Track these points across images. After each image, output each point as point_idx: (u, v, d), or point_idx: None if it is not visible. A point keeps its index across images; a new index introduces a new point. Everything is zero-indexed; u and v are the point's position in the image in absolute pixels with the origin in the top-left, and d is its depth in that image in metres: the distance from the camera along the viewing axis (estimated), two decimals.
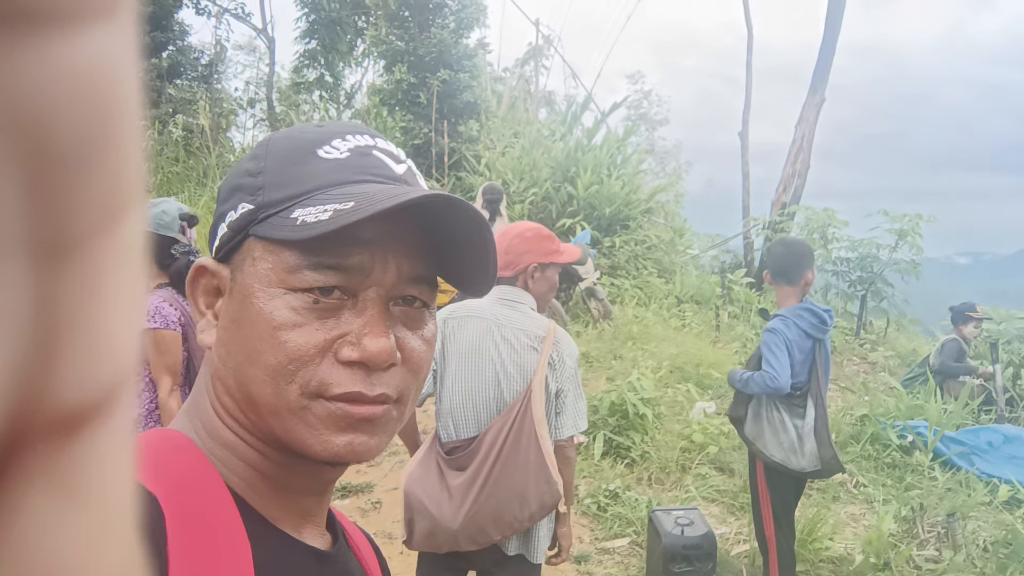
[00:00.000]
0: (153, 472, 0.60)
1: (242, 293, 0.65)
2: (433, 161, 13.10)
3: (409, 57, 13.53)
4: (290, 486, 0.69)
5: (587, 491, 5.02)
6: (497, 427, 2.50)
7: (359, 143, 0.71)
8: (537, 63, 21.99)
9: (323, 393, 0.63)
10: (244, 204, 0.67)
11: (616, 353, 8.19)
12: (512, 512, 2.47)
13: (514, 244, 2.65)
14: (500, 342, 2.55)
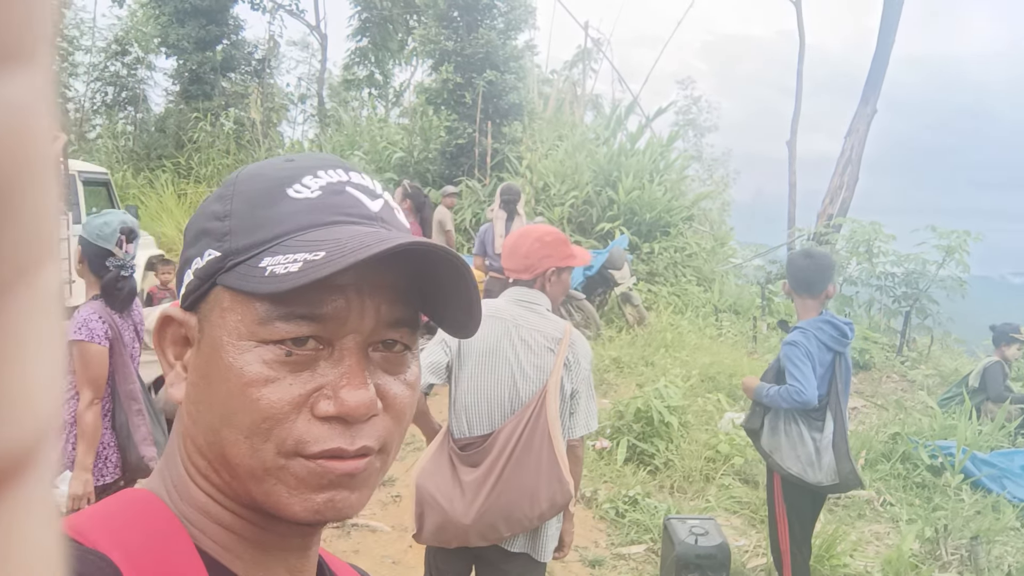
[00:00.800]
0: (115, 533, 0.58)
1: (211, 346, 0.62)
2: (476, 161, 13.16)
3: (456, 57, 13.60)
4: (270, 545, 0.65)
5: (606, 496, 5.01)
6: (512, 425, 2.53)
7: (331, 179, 0.66)
8: (585, 66, 21.95)
9: (301, 452, 0.60)
10: (210, 251, 0.64)
11: (648, 360, 8.15)
12: (523, 510, 2.51)
13: (534, 248, 2.69)
14: (518, 343, 2.58)
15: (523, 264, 2.69)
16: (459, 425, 2.62)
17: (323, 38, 20.98)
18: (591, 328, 9.07)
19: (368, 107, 19.09)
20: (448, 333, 0.72)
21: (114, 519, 0.60)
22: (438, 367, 2.62)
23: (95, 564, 0.54)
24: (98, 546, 0.56)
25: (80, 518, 0.59)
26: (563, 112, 16.66)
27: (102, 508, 0.62)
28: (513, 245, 2.74)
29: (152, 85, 22.22)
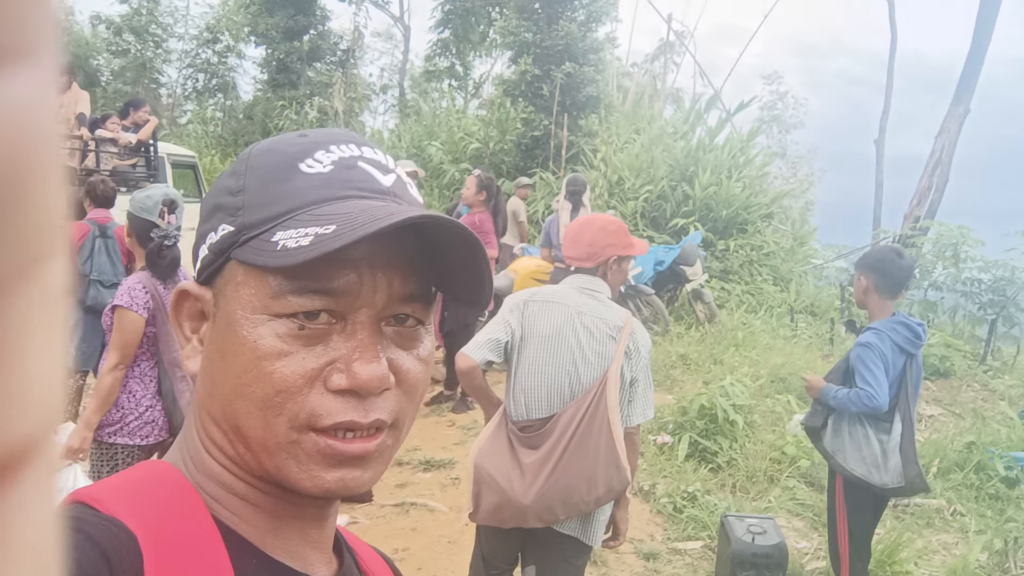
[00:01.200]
0: (132, 502, 0.59)
1: (226, 320, 0.63)
2: (551, 154, 13.15)
3: (535, 49, 13.62)
4: (285, 515, 0.66)
5: (665, 490, 4.96)
6: (572, 410, 2.56)
7: (344, 154, 0.66)
8: (667, 60, 21.68)
9: (313, 425, 0.60)
10: (224, 226, 0.64)
11: (716, 358, 8.03)
12: (580, 494, 2.54)
13: (598, 237, 2.72)
14: (580, 329, 2.61)
15: (587, 252, 2.71)
16: (517, 407, 2.65)
17: (406, 29, 21.26)
18: (659, 324, 8.98)
19: (447, 98, 19.26)
20: (461, 306, 0.72)
21: (131, 488, 0.61)
22: (497, 345, 2.65)
23: (112, 531, 0.55)
24: (115, 514, 0.57)
25: (98, 487, 0.61)
26: (642, 106, 16.49)
27: (120, 478, 0.63)
28: (576, 233, 2.75)
29: (241, 73, 22.92)
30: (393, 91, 22.60)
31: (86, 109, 7.97)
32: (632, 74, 20.78)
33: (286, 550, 0.66)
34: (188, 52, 22.44)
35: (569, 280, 2.75)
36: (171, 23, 22.65)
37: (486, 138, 14.07)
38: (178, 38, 22.66)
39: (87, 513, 0.56)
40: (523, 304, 2.67)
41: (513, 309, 2.68)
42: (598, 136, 13.51)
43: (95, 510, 0.57)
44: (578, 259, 2.73)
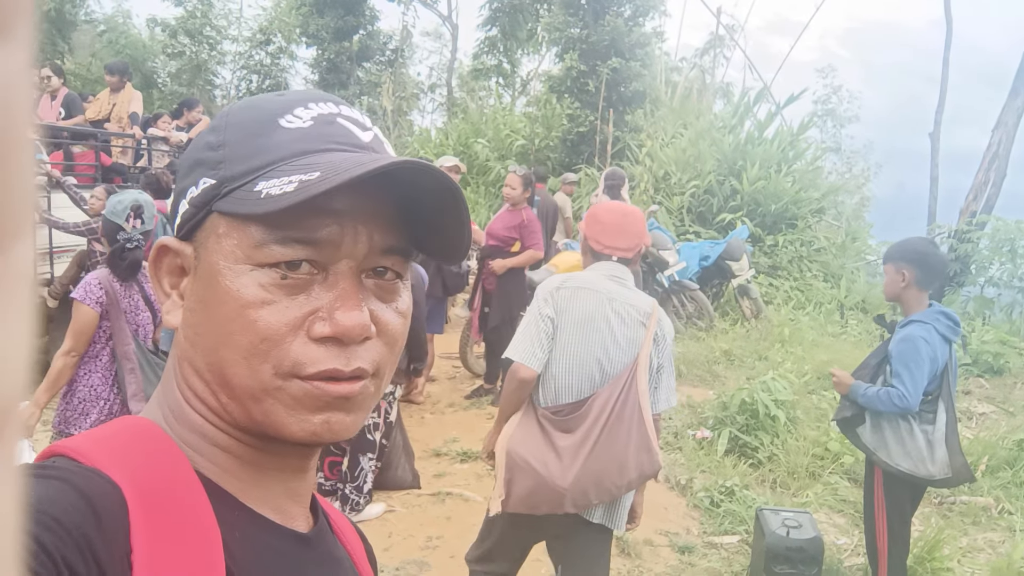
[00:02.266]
0: (115, 454, 0.59)
1: (208, 272, 0.63)
2: (596, 149, 13.10)
3: (581, 45, 13.57)
4: (267, 467, 0.67)
5: (702, 485, 4.92)
6: (606, 394, 2.57)
7: (323, 111, 0.67)
8: (716, 54, 21.43)
9: (297, 373, 0.61)
10: (205, 179, 0.64)
11: (761, 354, 7.93)
12: (612, 478, 2.55)
13: (640, 227, 2.76)
14: (611, 315, 2.62)
15: (635, 243, 2.72)
16: (546, 392, 2.65)
17: (454, 28, 21.38)
18: (704, 319, 8.89)
19: (494, 96, 19.30)
20: (438, 260, 0.74)
21: (113, 441, 0.61)
22: (545, 343, 2.63)
23: (96, 482, 0.55)
24: (98, 465, 0.57)
25: (78, 440, 0.61)
26: (690, 101, 16.33)
27: (101, 431, 0.63)
28: (622, 224, 2.73)
29: (293, 74, 23.29)
30: (441, 90, 22.74)
31: (139, 109, 8.18)
32: (681, 69, 20.59)
33: (268, 503, 0.66)
34: (242, 54, 22.88)
35: (598, 268, 2.75)
36: (225, 25, 23.11)
37: (532, 135, 14.08)
38: (232, 40, 23.12)
39: (70, 465, 0.57)
40: (554, 290, 2.68)
41: (547, 298, 2.68)
42: (644, 131, 13.41)
43: (77, 462, 0.57)
44: (624, 249, 2.72)
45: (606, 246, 2.72)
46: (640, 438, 2.56)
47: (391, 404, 4.33)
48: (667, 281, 8.68)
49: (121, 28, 22.62)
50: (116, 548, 0.53)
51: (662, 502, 4.76)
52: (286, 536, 0.67)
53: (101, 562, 0.51)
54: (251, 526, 0.64)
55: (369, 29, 20.05)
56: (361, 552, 0.81)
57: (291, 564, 0.66)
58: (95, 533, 0.51)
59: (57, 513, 0.50)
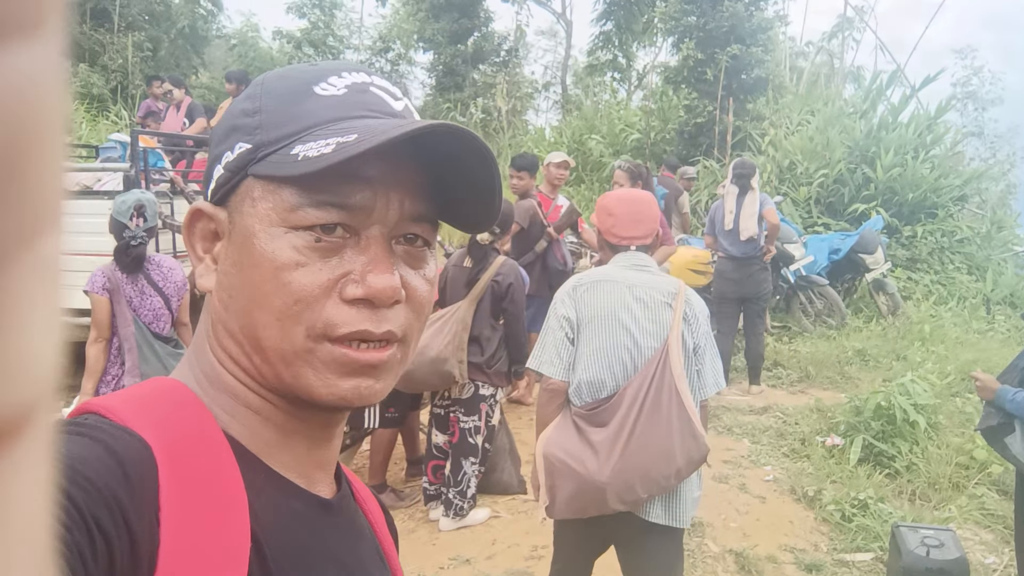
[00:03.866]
0: (146, 414, 0.60)
1: (242, 235, 0.64)
2: (715, 140, 12.62)
3: (699, 32, 13.10)
4: (294, 431, 0.68)
5: (832, 497, 4.54)
6: (637, 382, 2.49)
7: (356, 80, 0.68)
8: (845, 37, 20.32)
9: (329, 334, 0.62)
10: (241, 144, 0.66)
11: (899, 353, 7.37)
12: (659, 469, 2.44)
13: (654, 212, 2.73)
14: (632, 303, 2.57)
15: (650, 229, 2.70)
16: (580, 394, 2.57)
17: (568, 25, 21.18)
18: (835, 317, 8.37)
19: (609, 91, 18.99)
20: (465, 230, 0.73)
21: (144, 401, 0.62)
22: (567, 348, 2.59)
23: (126, 441, 0.56)
24: (129, 424, 0.58)
25: (112, 399, 0.62)
26: (817, 87, 15.53)
27: (132, 391, 0.64)
28: (636, 212, 2.69)
29: (411, 79, 23.73)
30: (555, 88, 22.61)
31: None
32: (806, 54, 19.66)
33: (294, 468, 0.68)
34: (362, 62, 23.42)
35: (616, 259, 2.70)
36: (347, 35, 23.83)
37: (647, 128, 13.72)
38: (353, 49, 23.80)
39: (103, 423, 0.58)
40: (571, 290, 2.65)
41: (564, 299, 2.64)
42: (766, 120, 12.83)
43: (109, 420, 0.58)
44: (642, 237, 2.70)
45: (622, 237, 2.69)
46: (682, 423, 2.46)
47: (492, 407, 4.19)
48: (793, 276, 8.22)
49: (250, 42, 23.65)
50: (144, 506, 0.54)
51: (787, 515, 4.43)
52: (310, 501, 0.68)
53: (129, 519, 0.52)
54: (277, 489, 0.65)
55: (484, 31, 20.13)
56: (383, 523, 0.83)
57: (314, 529, 0.68)
58: (124, 491, 0.53)
59: (86, 470, 0.51)
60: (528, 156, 6.28)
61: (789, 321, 8.59)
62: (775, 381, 7.08)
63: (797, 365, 7.34)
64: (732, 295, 6.59)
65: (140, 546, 0.52)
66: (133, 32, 18.15)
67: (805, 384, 7.04)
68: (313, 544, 0.67)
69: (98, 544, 0.49)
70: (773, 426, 5.87)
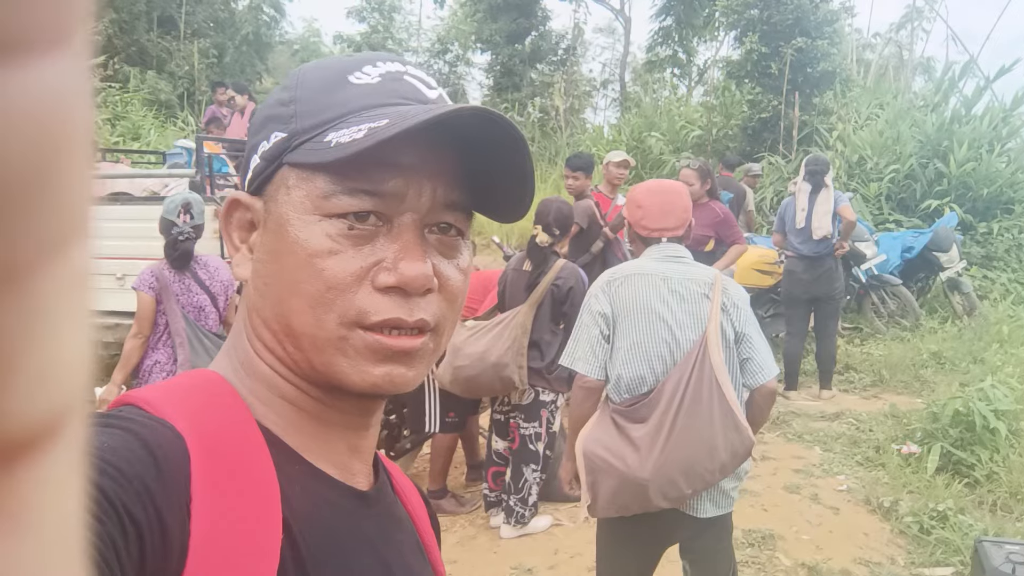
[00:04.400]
0: (181, 405, 0.61)
1: (277, 223, 0.65)
2: (780, 136, 12.31)
3: (762, 26, 12.80)
4: (329, 421, 0.68)
5: (910, 508, 4.35)
6: (676, 376, 2.44)
7: (390, 69, 0.69)
8: (914, 28, 19.67)
9: (362, 322, 0.62)
10: (277, 133, 0.66)
11: (976, 356, 7.07)
12: (702, 463, 2.39)
13: (685, 202, 2.68)
14: (668, 295, 2.53)
15: (682, 220, 2.65)
16: (619, 390, 2.53)
17: (627, 21, 20.96)
18: (908, 318, 8.08)
19: (669, 87, 18.72)
20: (498, 219, 0.72)
21: (180, 393, 0.63)
22: (602, 346, 2.55)
23: (161, 431, 0.57)
24: (165, 415, 0.59)
25: (148, 391, 0.63)
26: (886, 79, 15.07)
27: (170, 383, 0.65)
28: (665, 204, 2.65)
29: (469, 80, 23.81)
30: (614, 85, 22.42)
31: None
32: (874, 45, 19.09)
33: (329, 459, 0.68)
34: (421, 64, 23.50)
35: (649, 252, 2.65)
36: (405, 38, 24.04)
37: (709, 124, 13.47)
38: (412, 52, 23.98)
39: (137, 414, 0.59)
40: (605, 285, 2.60)
41: (597, 295, 2.60)
42: (834, 114, 12.47)
43: (145, 411, 0.59)
44: (673, 229, 2.64)
45: (652, 229, 2.64)
46: (724, 416, 2.39)
47: (553, 414, 4.12)
48: (864, 275, 7.96)
49: (312, 47, 24.02)
50: (176, 496, 0.54)
51: (862, 527, 4.26)
52: (345, 492, 0.68)
53: (160, 509, 0.52)
54: (310, 480, 0.65)
55: (541, 30, 20.05)
56: (424, 515, 0.82)
57: (349, 520, 0.68)
58: (155, 481, 0.53)
59: (118, 462, 0.52)
60: (583, 156, 6.16)
61: (861, 322, 8.33)
62: (847, 385, 6.86)
63: (870, 368, 7.10)
64: (803, 296, 6.39)
65: (171, 536, 0.53)
66: (199, 39, 18.57)
67: (878, 388, 6.80)
68: (348, 535, 0.67)
69: (130, 534, 0.50)
70: (846, 433, 5.68)
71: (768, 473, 4.93)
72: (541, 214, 4.11)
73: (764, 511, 4.41)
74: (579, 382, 2.59)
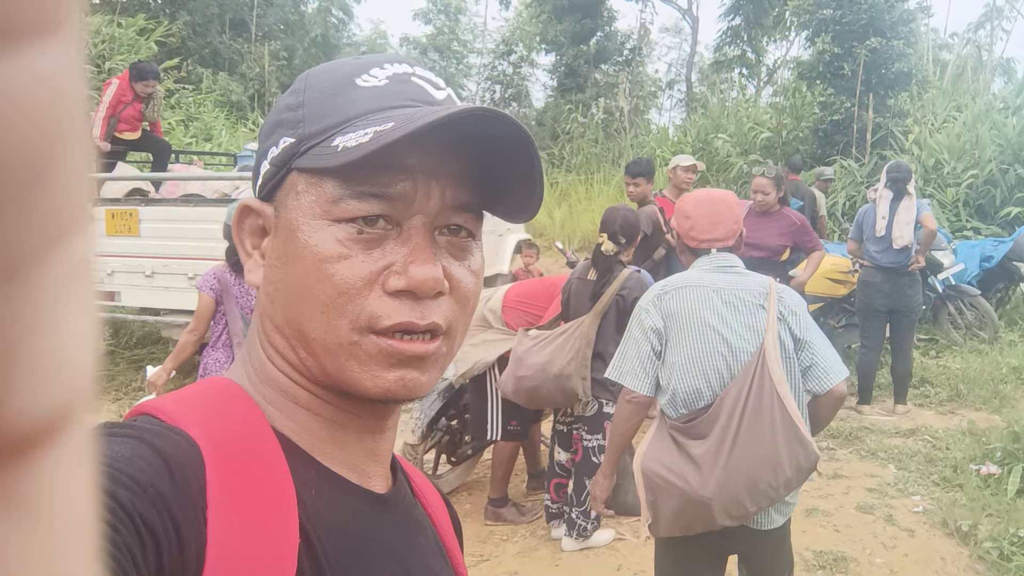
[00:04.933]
0: (195, 413, 0.61)
1: (287, 229, 0.65)
2: (854, 138, 11.98)
3: (835, 26, 12.47)
4: (344, 425, 0.68)
5: (989, 533, 4.16)
6: (736, 389, 2.38)
7: (398, 71, 0.69)
8: (993, 27, 18.94)
9: (374, 327, 0.62)
10: (286, 138, 0.66)
11: None
12: (766, 479, 2.33)
13: (735, 212, 2.64)
14: (721, 307, 2.48)
15: (732, 231, 2.60)
16: (675, 406, 2.47)
17: (694, 21, 20.68)
18: (987, 330, 7.76)
19: (737, 88, 18.40)
20: (507, 219, 0.72)
21: (195, 400, 0.64)
22: (652, 360, 2.52)
23: (175, 440, 0.57)
24: (179, 424, 0.59)
25: (164, 399, 0.63)
26: (964, 80, 14.54)
27: (185, 391, 0.66)
28: (716, 213, 2.60)
29: (533, 81, 23.84)
30: (679, 86, 22.14)
31: None
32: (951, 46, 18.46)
33: (345, 462, 0.68)
34: (486, 65, 23.74)
35: (699, 263, 2.61)
36: (470, 39, 24.13)
37: (778, 126, 13.19)
38: (477, 53, 24.09)
39: (152, 423, 0.59)
40: (656, 299, 2.56)
41: (648, 309, 2.55)
42: (909, 116, 12.10)
43: (160, 420, 0.60)
44: (722, 239, 2.59)
45: (701, 240, 2.60)
46: (787, 429, 2.33)
47: None
48: (942, 285, 7.68)
49: (378, 48, 24.30)
50: (191, 504, 0.54)
51: (939, 551, 4.08)
52: (362, 496, 0.68)
53: (176, 517, 0.52)
54: (327, 484, 0.65)
55: (607, 30, 19.92)
56: (444, 516, 0.82)
57: (367, 524, 0.67)
58: (170, 490, 0.53)
59: (133, 471, 0.52)
60: (643, 161, 6.05)
61: (937, 334, 8.03)
62: (922, 400, 6.61)
63: (947, 383, 6.83)
64: (880, 307, 6.17)
65: (188, 544, 0.53)
66: (269, 41, 18.95)
67: (955, 404, 6.54)
68: (366, 539, 0.67)
69: (147, 543, 0.50)
70: (921, 451, 5.46)
71: (840, 492, 4.76)
72: (607, 222, 4.05)
73: (836, 532, 4.27)
74: (626, 396, 2.56)
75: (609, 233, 4.00)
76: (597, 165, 16.28)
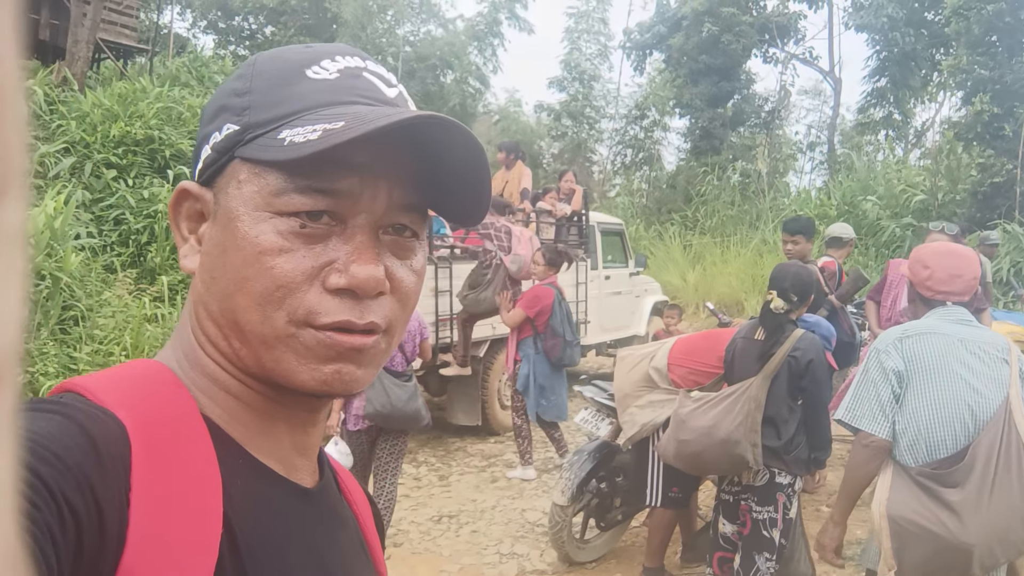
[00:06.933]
0: (123, 394, 0.59)
1: (227, 217, 0.63)
2: (1016, 201, 11.26)
3: (993, 86, 11.88)
4: (274, 416, 0.67)
5: None
6: (988, 440, 2.38)
7: (349, 64, 0.67)
8: None
9: (311, 322, 0.61)
10: (229, 125, 0.65)
11: None
12: (1017, 532, 2.34)
13: (974, 267, 2.65)
14: (967, 357, 2.48)
15: (969, 286, 2.62)
16: (916, 452, 2.47)
17: (837, 83, 20.19)
18: None
19: (885, 150, 17.74)
20: (455, 222, 0.73)
21: (122, 382, 0.61)
22: (890, 403, 2.50)
23: (101, 420, 0.55)
24: (106, 404, 0.57)
25: (89, 379, 0.61)
26: None
27: (113, 371, 0.63)
28: (954, 267, 2.63)
29: (665, 145, 23.78)
30: (821, 148, 21.56)
31: (528, 185, 8.73)
32: None
33: (273, 454, 0.66)
34: (618, 130, 23.91)
35: (935, 313, 2.62)
36: (603, 105, 24.40)
37: (933, 188, 12.57)
38: (609, 118, 24.31)
39: (77, 401, 0.57)
40: (897, 342, 2.56)
41: (889, 351, 2.54)
42: None
43: (85, 399, 0.58)
44: (959, 293, 2.62)
45: (937, 292, 2.62)
46: None
47: (791, 498, 3.80)
48: None
49: (513, 116, 24.91)
50: (115, 486, 0.53)
51: None
52: (289, 489, 0.67)
53: (99, 498, 0.51)
54: (254, 475, 0.64)
55: (744, 93, 19.71)
56: (368, 514, 0.81)
57: (291, 517, 0.66)
58: (94, 470, 0.52)
59: (58, 449, 0.51)
60: (802, 219, 5.87)
61: None
62: None
63: None
64: None
65: (109, 526, 0.52)
66: None
67: None
68: (289, 532, 0.66)
69: (67, 522, 0.49)
70: None
71: None
72: (776, 278, 3.88)
73: None
74: (863, 440, 2.53)
75: (779, 290, 3.83)
76: (733, 228, 15.97)
